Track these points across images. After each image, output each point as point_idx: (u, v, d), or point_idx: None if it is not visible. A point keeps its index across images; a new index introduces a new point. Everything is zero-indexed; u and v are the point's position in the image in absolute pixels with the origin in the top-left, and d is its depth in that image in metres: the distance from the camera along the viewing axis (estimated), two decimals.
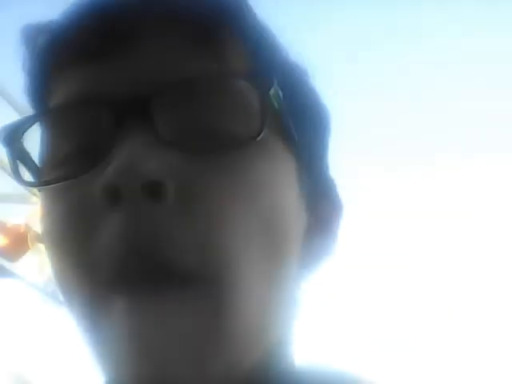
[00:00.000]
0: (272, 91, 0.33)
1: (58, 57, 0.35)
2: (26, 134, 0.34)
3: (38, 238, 2.46)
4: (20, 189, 2.52)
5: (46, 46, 0.36)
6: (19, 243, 2.38)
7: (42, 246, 2.48)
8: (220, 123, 0.32)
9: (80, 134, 0.33)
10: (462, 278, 2.63)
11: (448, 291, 2.60)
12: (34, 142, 0.36)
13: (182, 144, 0.31)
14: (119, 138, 0.31)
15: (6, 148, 0.34)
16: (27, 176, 0.35)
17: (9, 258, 2.35)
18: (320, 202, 0.39)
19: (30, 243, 2.39)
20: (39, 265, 2.50)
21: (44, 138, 0.35)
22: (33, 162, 0.35)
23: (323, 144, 0.41)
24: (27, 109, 0.39)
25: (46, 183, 0.33)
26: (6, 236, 2.36)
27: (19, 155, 0.34)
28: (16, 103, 2.36)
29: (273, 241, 0.33)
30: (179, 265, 0.29)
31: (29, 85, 0.37)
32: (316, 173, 0.39)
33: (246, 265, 0.31)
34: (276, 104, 0.34)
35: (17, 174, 0.34)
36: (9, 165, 0.34)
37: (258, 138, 0.32)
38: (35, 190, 0.38)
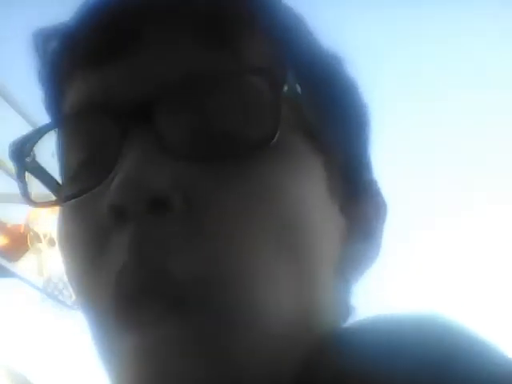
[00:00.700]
0: (286, 87, 0.30)
1: (67, 63, 0.34)
2: (36, 147, 0.33)
3: (38, 238, 2.46)
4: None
5: (54, 52, 0.35)
6: (19, 243, 2.38)
7: (41, 246, 2.48)
8: (229, 125, 0.30)
9: (89, 145, 0.32)
10: None
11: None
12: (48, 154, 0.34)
13: (187, 151, 0.30)
14: (125, 149, 0.29)
15: (16, 164, 0.33)
16: (35, 186, 0.34)
17: (9, 257, 2.35)
18: (360, 204, 0.36)
19: (29, 243, 2.39)
20: (39, 265, 2.50)
21: (57, 149, 0.34)
22: (47, 174, 0.34)
23: (361, 140, 0.38)
24: (27, 109, 0.39)
25: (54, 203, 0.32)
26: (6, 236, 2.36)
27: (32, 169, 0.33)
28: (16, 103, 2.36)
29: (293, 248, 0.31)
30: (186, 284, 0.28)
31: (42, 93, 0.37)
32: (353, 172, 0.36)
33: (264, 279, 0.29)
34: (294, 100, 0.31)
35: (25, 194, 0.33)
36: (18, 181, 0.33)
37: (272, 142, 0.30)
38: (36, 190, 0.37)
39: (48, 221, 2.55)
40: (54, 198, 0.33)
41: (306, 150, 0.33)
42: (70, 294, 2.62)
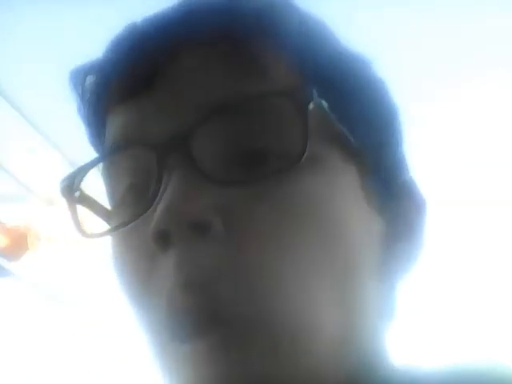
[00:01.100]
0: (311, 105, 0.32)
1: (104, 100, 0.36)
2: (83, 181, 0.35)
3: (38, 238, 2.46)
4: (20, 189, 2.52)
5: (91, 90, 0.37)
6: (19, 243, 2.38)
7: (41, 246, 2.48)
8: (260, 147, 0.32)
9: (133, 176, 0.34)
10: None
11: None
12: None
13: (224, 176, 0.31)
14: (166, 177, 0.31)
15: (66, 199, 0.35)
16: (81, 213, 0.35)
17: (9, 257, 2.35)
18: (399, 204, 0.37)
19: (29, 243, 2.39)
20: (39, 265, 2.50)
21: (104, 181, 0.36)
22: (97, 203, 0.36)
23: (394, 141, 0.38)
24: (27, 109, 0.40)
25: (107, 233, 0.34)
26: (6, 236, 2.36)
27: (82, 202, 0.35)
28: (16, 103, 2.35)
29: (337, 261, 0.32)
30: (231, 306, 0.29)
31: (85, 130, 0.38)
32: (388, 174, 0.37)
33: (308, 298, 0.30)
34: (321, 114, 0.32)
35: (78, 225, 0.35)
36: (70, 214, 0.35)
37: (303, 159, 0.31)
38: (36, 190, 0.39)
39: (48, 221, 2.55)
40: (102, 229, 0.34)
41: (340, 160, 0.34)
42: (69, 293, 2.62)
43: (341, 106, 0.34)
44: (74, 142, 0.39)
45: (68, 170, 0.36)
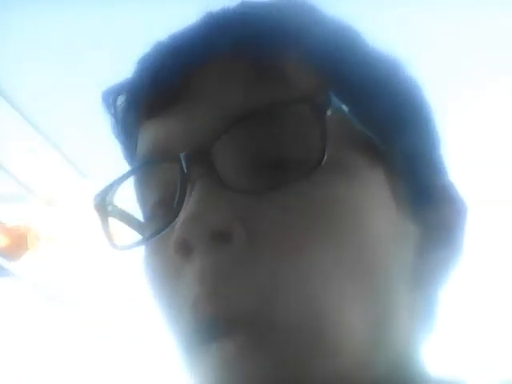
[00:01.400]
0: (329, 112, 0.32)
1: (134, 117, 0.37)
2: (116, 195, 0.37)
3: (38, 238, 2.46)
4: (20, 189, 2.52)
5: (123, 108, 0.38)
6: (19, 243, 2.38)
7: (41, 246, 2.48)
8: (280, 155, 0.32)
9: (160, 188, 0.35)
10: None
11: None
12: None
13: (245, 185, 0.32)
14: (189, 189, 0.32)
15: (99, 214, 0.36)
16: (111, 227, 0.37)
17: (9, 257, 2.35)
18: (437, 210, 0.36)
19: (29, 243, 2.39)
20: (39, 265, 2.50)
21: (135, 193, 0.37)
22: (130, 216, 0.38)
23: (428, 144, 0.38)
24: (27, 109, 0.40)
25: (136, 245, 0.35)
26: (6, 236, 2.36)
27: (115, 215, 0.37)
28: (16, 103, 2.35)
29: (360, 265, 0.32)
30: (253, 312, 0.30)
31: (120, 147, 0.40)
32: (422, 177, 0.36)
33: (330, 304, 0.31)
34: (344, 120, 0.33)
35: (110, 239, 0.36)
36: (102, 228, 0.36)
37: (322, 164, 0.31)
38: (36, 190, 0.40)
39: (48, 221, 2.55)
40: (133, 241, 0.36)
41: (366, 164, 0.34)
42: (69, 293, 2.62)
43: (367, 110, 0.34)
44: (73, 142, 0.40)
45: (68, 170, 0.37)
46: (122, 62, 0.39)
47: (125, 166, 0.40)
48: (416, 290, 0.35)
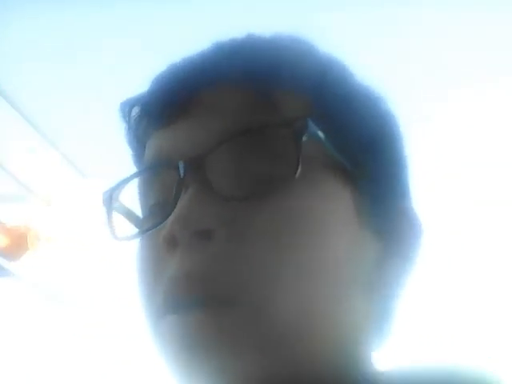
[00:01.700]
0: (305, 137, 0.37)
1: (145, 127, 0.43)
2: (122, 193, 0.43)
3: (38, 238, 2.46)
4: (20, 189, 2.52)
5: (136, 118, 0.44)
6: (19, 243, 2.38)
7: (41, 246, 2.48)
8: (261, 169, 0.38)
9: (160, 191, 0.41)
10: None
11: None
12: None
13: (230, 193, 0.38)
14: (182, 193, 0.38)
15: (106, 208, 0.42)
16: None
17: (9, 257, 2.35)
18: (395, 226, 0.42)
19: (29, 243, 2.40)
20: (39, 265, 2.50)
21: (138, 193, 0.43)
22: (132, 213, 0.43)
23: (396, 172, 0.43)
24: (27, 109, 0.42)
25: (132, 238, 0.41)
26: (6, 236, 2.36)
27: (119, 211, 0.43)
28: (16, 103, 2.35)
29: (323, 269, 0.37)
30: (221, 293, 0.35)
31: (131, 153, 0.46)
32: (386, 199, 0.42)
33: (295, 291, 0.36)
34: (319, 143, 0.38)
35: (112, 231, 0.41)
36: (107, 221, 0.42)
37: (295, 177, 0.37)
38: (36, 190, 0.45)
39: (48, 221, 2.55)
40: (129, 234, 0.41)
41: (335, 183, 0.39)
42: (69, 293, 2.62)
43: (342, 137, 0.40)
44: (73, 142, 0.42)
45: (68, 169, 0.41)
46: (121, 63, 0.40)
47: (127, 168, 0.45)
48: (373, 297, 0.40)
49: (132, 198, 0.43)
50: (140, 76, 0.45)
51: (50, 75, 1.88)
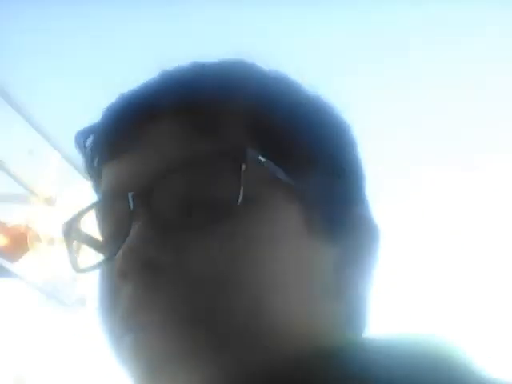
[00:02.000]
0: (244, 166, 0.39)
1: (98, 158, 0.45)
2: (81, 223, 0.44)
3: (38, 238, 2.46)
4: (20, 189, 2.52)
5: (89, 149, 0.46)
6: (19, 243, 2.38)
7: (41, 246, 2.48)
8: (207, 196, 0.40)
9: (113, 221, 0.42)
10: None
11: None
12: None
13: (176, 223, 0.40)
14: (132, 225, 0.39)
15: (65, 238, 0.44)
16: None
17: (9, 257, 2.35)
18: (351, 233, 0.43)
19: (29, 243, 2.40)
20: (39, 265, 2.50)
21: (96, 223, 0.44)
22: (92, 238, 0.45)
23: (346, 181, 0.44)
24: (27, 109, 0.42)
25: (90, 269, 0.43)
26: (6, 236, 2.37)
27: (79, 239, 0.44)
28: (16, 103, 2.36)
29: (273, 280, 0.39)
30: (175, 318, 0.38)
31: (90, 181, 0.47)
32: (336, 209, 0.43)
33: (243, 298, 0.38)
34: (260, 168, 0.40)
35: (74, 262, 0.43)
36: (67, 251, 0.44)
37: (238, 202, 0.39)
38: (36, 190, 0.46)
39: (48, 221, 2.55)
40: (89, 265, 0.43)
41: (282, 199, 0.41)
42: (69, 293, 2.63)
43: (286, 156, 0.41)
44: (73, 142, 0.43)
45: (68, 170, 0.41)
46: (121, 63, 0.40)
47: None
48: (339, 296, 0.42)
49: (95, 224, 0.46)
50: (140, 77, 0.45)
51: (50, 75, 1.89)
